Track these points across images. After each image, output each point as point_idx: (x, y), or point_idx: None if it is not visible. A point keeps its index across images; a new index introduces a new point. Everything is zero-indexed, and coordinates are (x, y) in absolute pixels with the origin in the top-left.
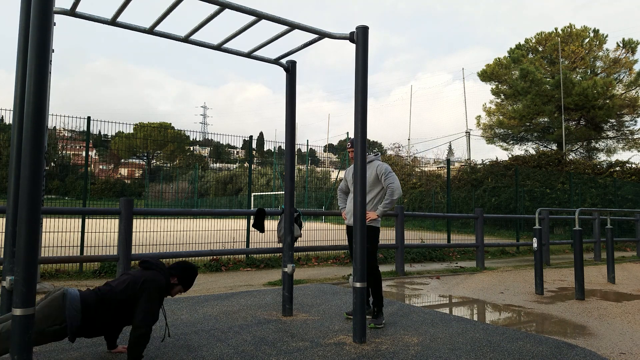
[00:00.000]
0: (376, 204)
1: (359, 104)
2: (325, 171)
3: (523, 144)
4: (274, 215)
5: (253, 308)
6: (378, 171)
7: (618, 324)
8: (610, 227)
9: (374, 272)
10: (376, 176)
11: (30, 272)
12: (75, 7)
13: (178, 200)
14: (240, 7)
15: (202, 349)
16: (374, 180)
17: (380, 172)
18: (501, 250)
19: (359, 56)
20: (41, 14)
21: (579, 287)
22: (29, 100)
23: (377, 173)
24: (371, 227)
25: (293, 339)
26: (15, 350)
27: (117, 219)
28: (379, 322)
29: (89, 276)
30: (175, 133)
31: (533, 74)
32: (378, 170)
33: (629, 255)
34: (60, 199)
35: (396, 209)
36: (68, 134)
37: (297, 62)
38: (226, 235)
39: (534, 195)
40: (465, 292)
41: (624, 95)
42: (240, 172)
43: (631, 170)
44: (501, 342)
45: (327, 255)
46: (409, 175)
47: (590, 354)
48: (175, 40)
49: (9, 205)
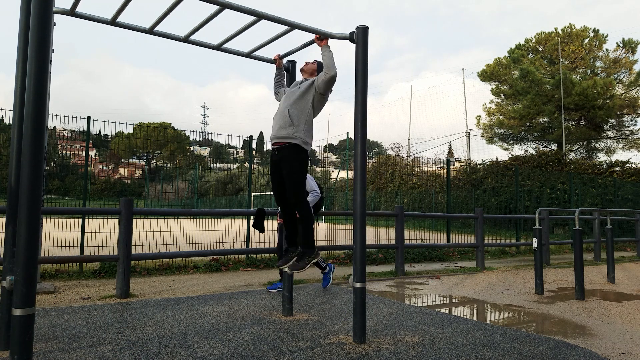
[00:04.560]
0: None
1: (359, 104)
2: (325, 171)
3: (523, 144)
4: (274, 215)
5: (253, 308)
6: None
7: (618, 324)
8: (610, 227)
9: (305, 204)
10: (308, 87)
11: (30, 272)
12: (75, 7)
13: (178, 200)
14: (240, 7)
15: (202, 349)
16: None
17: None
18: (501, 250)
19: (359, 56)
20: (41, 14)
21: (579, 287)
22: (29, 100)
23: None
24: (304, 151)
25: (293, 339)
26: (15, 350)
27: (117, 219)
28: (301, 265)
29: (89, 276)
30: (175, 133)
31: (533, 74)
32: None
33: (629, 255)
34: (60, 199)
35: (396, 208)
36: (68, 134)
37: (297, 62)
38: (226, 235)
39: (534, 195)
40: (465, 292)
41: (624, 95)
42: (240, 172)
43: (631, 170)
44: (501, 342)
45: (327, 255)
46: (409, 175)
47: (591, 354)
48: (175, 40)
49: (9, 205)
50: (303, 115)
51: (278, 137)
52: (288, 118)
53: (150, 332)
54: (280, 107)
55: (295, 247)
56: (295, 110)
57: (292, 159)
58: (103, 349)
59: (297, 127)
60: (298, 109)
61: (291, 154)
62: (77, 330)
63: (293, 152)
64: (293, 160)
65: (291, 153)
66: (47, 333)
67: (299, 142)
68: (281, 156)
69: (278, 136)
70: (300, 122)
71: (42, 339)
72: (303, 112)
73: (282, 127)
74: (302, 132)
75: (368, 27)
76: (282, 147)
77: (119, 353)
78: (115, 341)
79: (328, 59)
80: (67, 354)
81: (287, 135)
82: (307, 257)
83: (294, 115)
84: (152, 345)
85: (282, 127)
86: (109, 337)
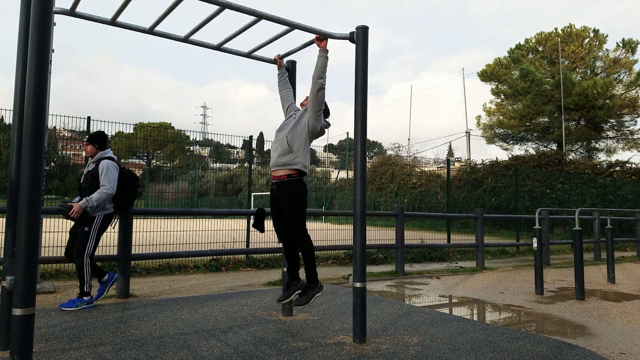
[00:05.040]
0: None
1: (359, 104)
2: (325, 171)
3: (523, 144)
4: None
5: (253, 308)
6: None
7: (618, 324)
8: (610, 227)
9: (306, 239)
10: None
11: (30, 272)
12: (75, 7)
13: (178, 200)
14: (240, 7)
15: (202, 349)
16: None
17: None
18: (501, 250)
19: (359, 56)
20: (41, 14)
21: (579, 287)
22: (29, 100)
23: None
24: (302, 184)
25: (293, 339)
26: (15, 350)
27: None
28: (305, 300)
29: None
30: (175, 133)
31: (533, 74)
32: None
33: (629, 255)
34: (60, 199)
35: (396, 208)
36: (68, 134)
37: (297, 62)
38: (226, 235)
39: (534, 195)
40: (465, 292)
41: (624, 95)
42: (240, 172)
43: (631, 170)
44: (501, 342)
45: (327, 255)
46: (409, 175)
47: (591, 354)
48: (175, 40)
49: (9, 205)
50: (300, 140)
51: (278, 165)
52: (287, 146)
53: (150, 332)
54: (279, 136)
55: (296, 280)
56: (292, 137)
57: (291, 193)
58: (103, 349)
59: (297, 153)
60: (295, 135)
61: (289, 188)
62: (77, 330)
63: (291, 186)
64: (292, 194)
65: (289, 187)
66: (47, 333)
67: (300, 167)
68: (279, 191)
69: (278, 164)
70: (299, 148)
71: (42, 339)
72: (300, 137)
73: (282, 155)
74: (301, 157)
75: (368, 27)
76: (281, 182)
77: (119, 353)
78: (115, 341)
79: (321, 64)
80: (67, 354)
81: (287, 162)
82: (310, 291)
83: (292, 142)
84: (152, 345)
85: (282, 155)
86: (109, 337)
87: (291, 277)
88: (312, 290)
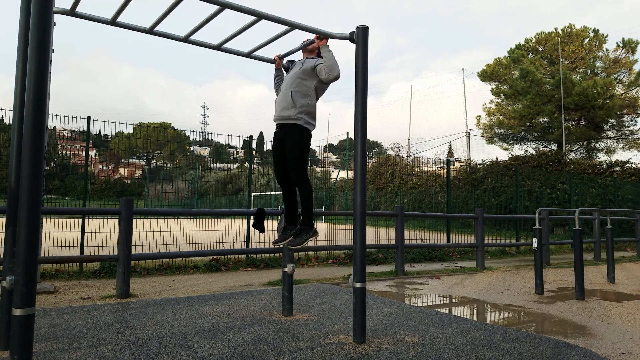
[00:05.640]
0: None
1: (359, 104)
2: (325, 171)
3: (523, 144)
4: (274, 215)
5: (253, 308)
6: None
7: (618, 324)
8: (610, 227)
9: (306, 181)
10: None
11: (30, 272)
12: (75, 7)
13: (178, 200)
14: (240, 7)
15: (202, 349)
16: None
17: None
18: (501, 250)
19: (359, 56)
20: (41, 14)
21: (579, 287)
22: (29, 100)
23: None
24: (307, 130)
25: (293, 339)
26: (15, 350)
27: (117, 219)
28: (299, 242)
29: (89, 276)
30: (175, 133)
31: (533, 74)
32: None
33: (629, 255)
34: (60, 199)
35: (396, 208)
36: (68, 134)
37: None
38: (226, 235)
39: (534, 195)
40: (465, 292)
41: (624, 95)
42: (240, 172)
43: (631, 170)
44: (501, 342)
45: (327, 255)
46: (409, 175)
47: (591, 354)
48: (175, 40)
49: (9, 205)
50: (305, 98)
51: (280, 119)
52: (290, 100)
53: (150, 332)
54: (283, 89)
55: (294, 225)
56: (297, 94)
57: (295, 136)
58: (103, 349)
59: (300, 109)
60: (300, 92)
61: (295, 131)
62: (77, 330)
63: (297, 130)
64: (296, 136)
65: (295, 130)
66: (47, 333)
67: (302, 123)
68: (284, 132)
69: (280, 117)
70: (302, 104)
71: (42, 339)
72: (305, 96)
73: (285, 109)
74: (304, 114)
75: (368, 27)
76: (286, 125)
77: (119, 353)
78: (115, 341)
79: (329, 60)
80: (67, 354)
81: (289, 116)
82: (305, 234)
83: (296, 98)
84: (152, 345)
85: (285, 109)
86: (109, 337)
87: (288, 222)
88: (307, 233)
